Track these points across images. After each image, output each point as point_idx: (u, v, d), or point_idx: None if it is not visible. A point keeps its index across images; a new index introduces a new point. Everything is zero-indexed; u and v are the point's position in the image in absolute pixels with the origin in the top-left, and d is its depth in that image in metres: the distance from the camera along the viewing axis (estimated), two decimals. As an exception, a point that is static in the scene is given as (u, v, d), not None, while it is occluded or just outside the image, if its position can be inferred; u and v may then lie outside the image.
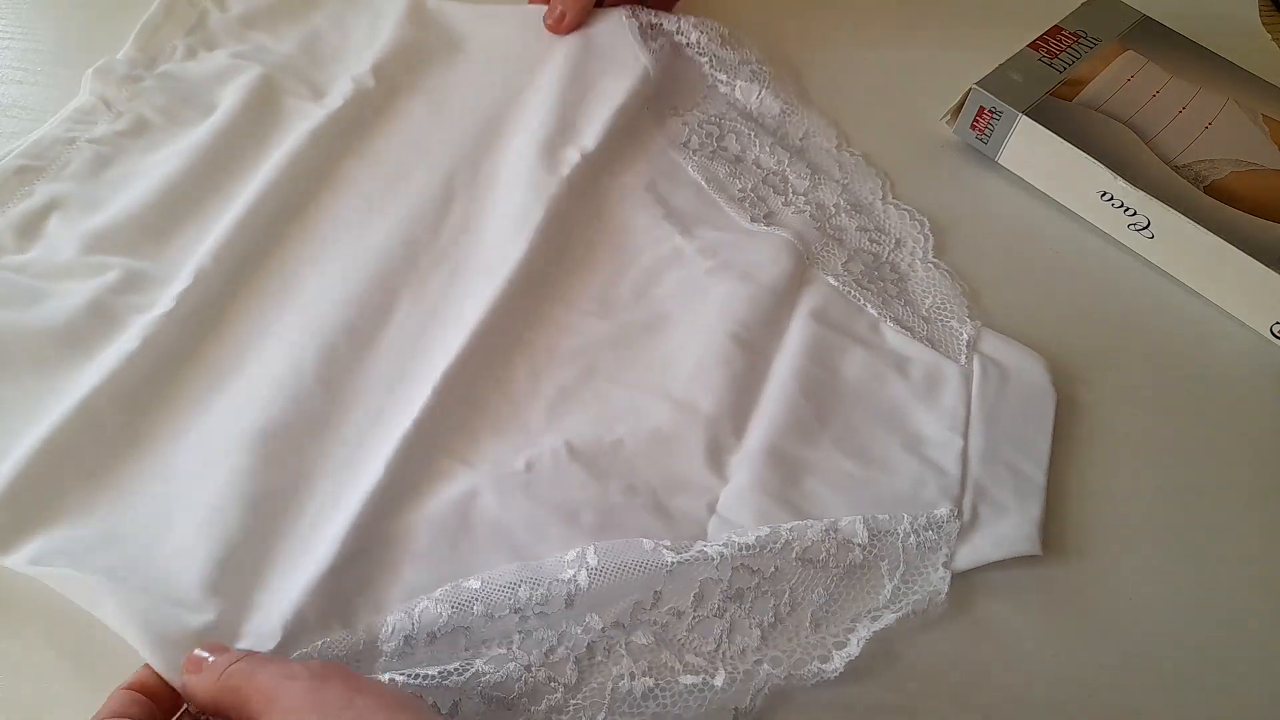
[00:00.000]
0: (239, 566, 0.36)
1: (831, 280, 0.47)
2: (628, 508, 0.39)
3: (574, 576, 0.36)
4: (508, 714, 0.34)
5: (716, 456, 0.41)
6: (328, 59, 0.55)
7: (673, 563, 0.36)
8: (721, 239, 0.49)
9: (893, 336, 0.46)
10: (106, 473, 0.38)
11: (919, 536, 0.39)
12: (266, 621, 0.35)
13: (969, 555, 0.39)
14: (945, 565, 0.38)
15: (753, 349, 0.44)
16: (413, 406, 0.40)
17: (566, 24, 0.56)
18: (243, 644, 0.34)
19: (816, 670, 0.35)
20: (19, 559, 0.35)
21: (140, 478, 0.39)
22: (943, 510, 0.40)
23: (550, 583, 0.36)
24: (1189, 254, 0.49)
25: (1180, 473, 0.43)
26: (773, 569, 0.37)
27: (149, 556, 0.36)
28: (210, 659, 0.32)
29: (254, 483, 0.38)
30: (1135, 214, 0.49)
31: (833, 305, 0.46)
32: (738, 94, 0.56)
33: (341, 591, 0.36)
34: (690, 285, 0.47)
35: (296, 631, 0.34)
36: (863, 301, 0.47)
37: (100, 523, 0.37)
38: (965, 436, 0.42)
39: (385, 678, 0.33)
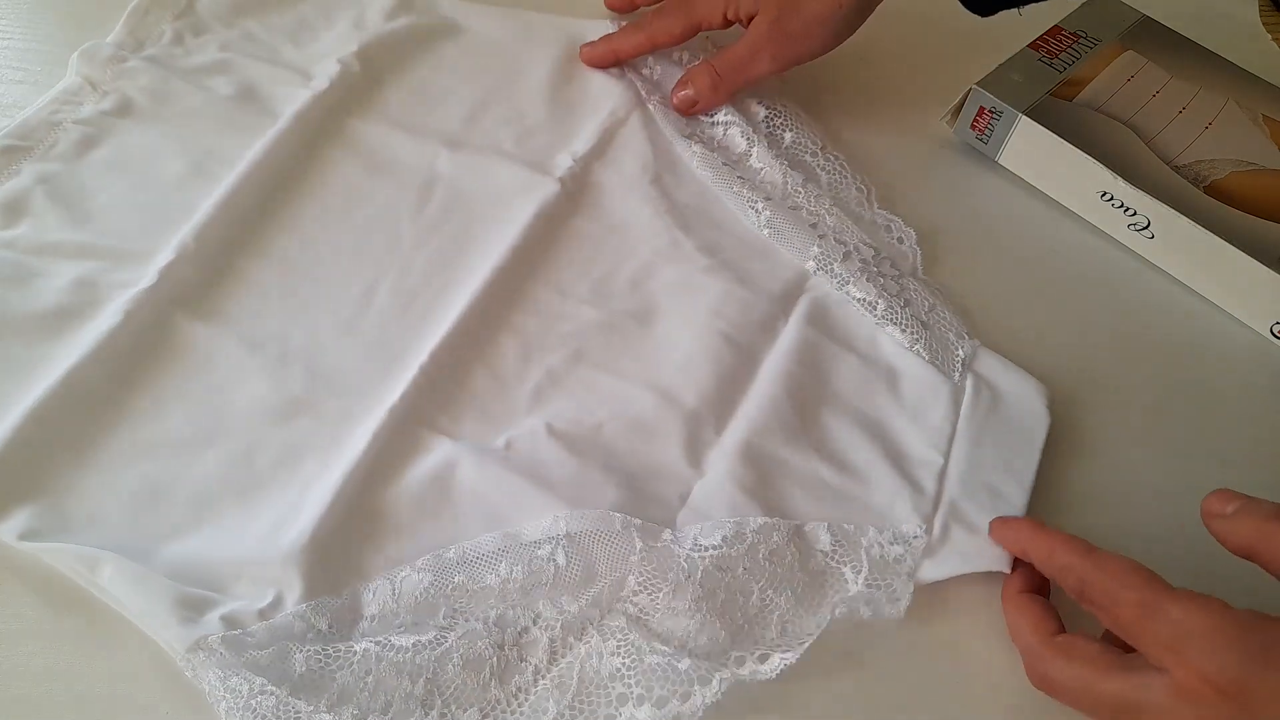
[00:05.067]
0: (227, 540, 0.37)
1: (832, 287, 0.47)
2: (603, 484, 0.39)
3: (551, 555, 0.37)
4: (478, 692, 0.34)
5: (694, 450, 0.41)
6: (314, 46, 0.55)
7: (641, 549, 0.37)
8: (721, 238, 0.48)
9: (889, 347, 0.45)
10: (92, 447, 0.39)
11: (883, 549, 0.38)
12: (253, 588, 0.36)
13: (935, 569, 0.39)
14: (908, 576, 0.38)
15: (742, 349, 0.44)
16: (399, 385, 0.41)
17: (698, 109, 0.53)
18: (230, 610, 0.35)
19: (779, 663, 0.35)
20: (6, 530, 0.36)
21: (126, 454, 0.39)
22: (910, 526, 0.39)
23: (530, 559, 0.37)
24: (1189, 254, 0.49)
25: (1180, 473, 0.43)
26: (741, 568, 0.37)
27: (135, 535, 0.37)
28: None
29: (241, 461, 0.39)
30: (1135, 214, 0.49)
31: (830, 312, 0.46)
32: (718, 119, 0.54)
33: (327, 562, 0.37)
34: (686, 280, 0.47)
35: (284, 597, 0.36)
36: (862, 310, 0.46)
37: (86, 500, 0.38)
38: (947, 456, 0.42)
39: (360, 647, 0.34)
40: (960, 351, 0.45)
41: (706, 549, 0.37)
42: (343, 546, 0.37)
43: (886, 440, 0.42)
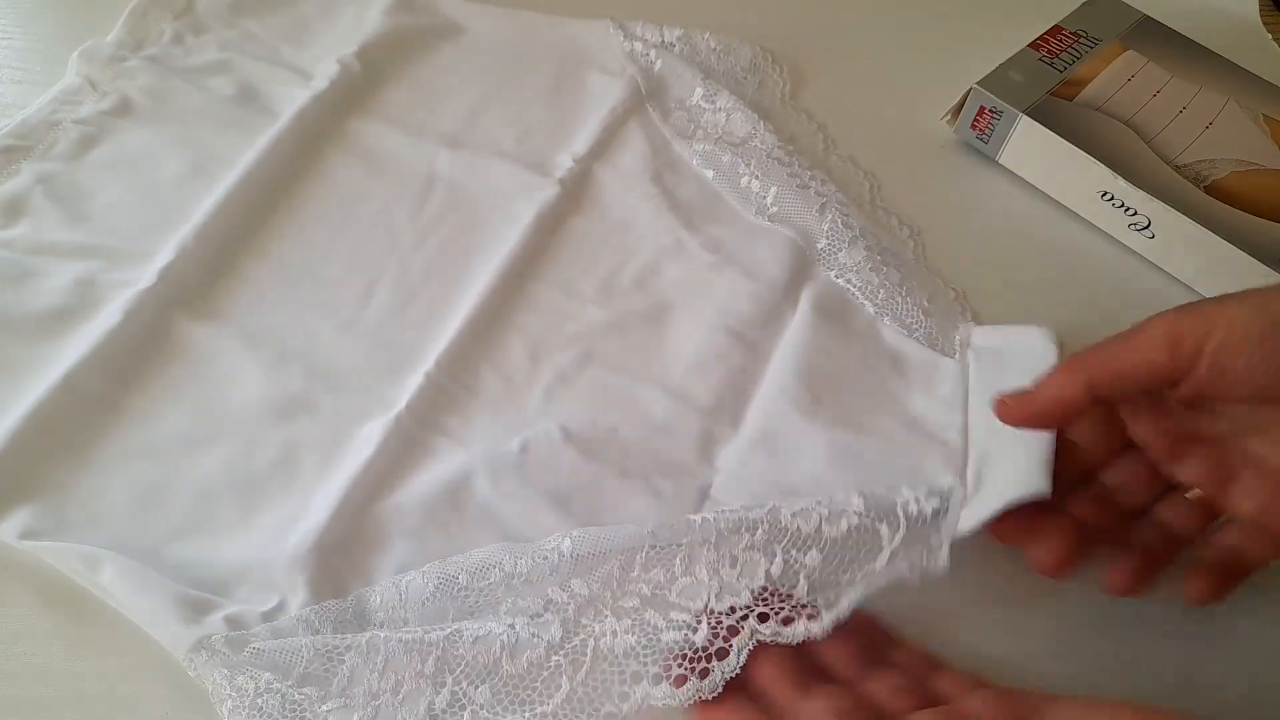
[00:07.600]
0: (230, 542, 0.37)
1: (834, 277, 0.47)
2: (620, 491, 0.39)
3: (557, 545, 0.36)
4: (489, 667, 0.33)
5: (710, 446, 0.41)
6: (314, 46, 0.55)
7: (654, 529, 0.36)
8: (725, 234, 0.48)
9: (890, 335, 0.45)
10: (92, 447, 0.39)
11: (920, 505, 0.36)
12: (257, 593, 0.36)
13: (975, 514, 0.36)
14: (948, 533, 0.36)
15: (752, 345, 0.44)
16: (405, 388, 0.41)
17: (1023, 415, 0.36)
18: (233, 612, 0.35)
19: (804, 630, 0.34)
20: (6, 530, 0.36)
21: (126, 454, 0.39)
22: (945, 480, 0.38)
23: (534, 552, 0.36)
24: (1189, 254, 0.49)
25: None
26: (761, 529, 0.36)
27: (135, 535, 0.37)
28: None
29: (240, 462, 0.39)
30: (1136, 214, 0.49)
31: (833, 301, 0.46)
32: (721, 106, 0.55)
33: (332, 567, 0.36)
34: (692, 278, 0.47)
35: (288, 602, 0.35)
36: (862, 299, 0.46)
37: (86, 500, 0.38)
38: (965, 414, 0.41)
39: (366, 638, 0.34)
40: (956, 336, 0.44)
41: (724, 510, 0.36)
42: (348, 552, 0.37)
43: (902, 411, 0.42)
